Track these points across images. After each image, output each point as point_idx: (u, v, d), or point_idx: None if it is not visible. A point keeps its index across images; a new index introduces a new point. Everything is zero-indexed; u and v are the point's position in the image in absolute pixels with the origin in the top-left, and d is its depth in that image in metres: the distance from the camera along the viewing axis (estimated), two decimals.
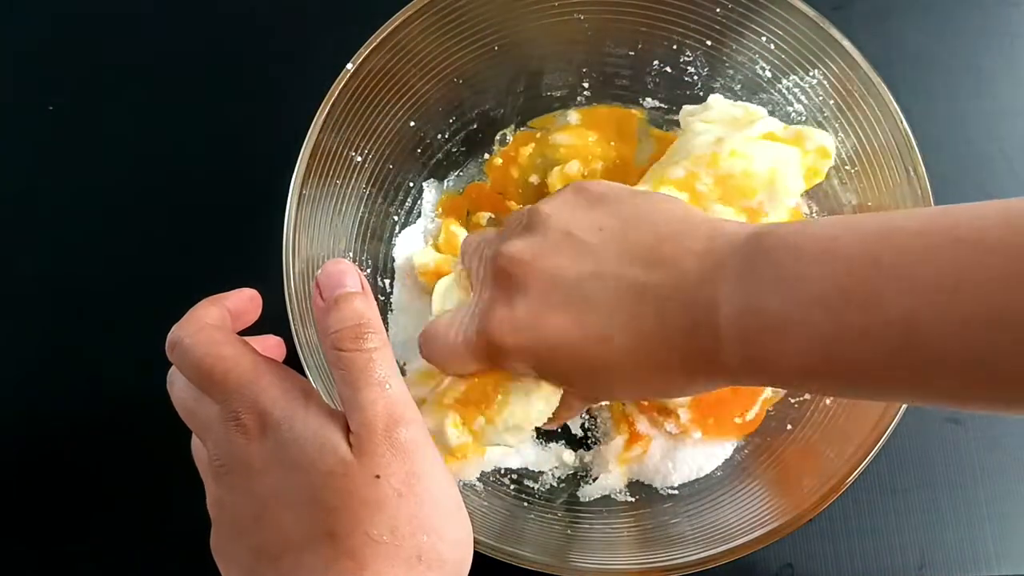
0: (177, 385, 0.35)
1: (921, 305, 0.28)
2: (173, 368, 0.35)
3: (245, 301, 0.38)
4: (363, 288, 0.34)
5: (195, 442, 0.36)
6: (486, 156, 0.54)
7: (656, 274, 0.34)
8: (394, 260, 0.52)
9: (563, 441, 0.51)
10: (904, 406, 0.42)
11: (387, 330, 0.44)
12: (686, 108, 0.49)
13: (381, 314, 0.35)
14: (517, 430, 0.40)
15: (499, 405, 0.40)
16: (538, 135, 0.54)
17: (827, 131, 0.47)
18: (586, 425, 0.51)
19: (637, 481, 0.50)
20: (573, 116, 0.54)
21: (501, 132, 0.54)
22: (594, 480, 0.49)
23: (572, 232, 0.36)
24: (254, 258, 0.45)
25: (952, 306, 0.27)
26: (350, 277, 0.34)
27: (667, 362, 0.34)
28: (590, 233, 0.36)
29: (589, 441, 0.51)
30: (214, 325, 0.35)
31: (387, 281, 0.52)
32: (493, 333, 0.36)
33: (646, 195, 0.38)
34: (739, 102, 0.48)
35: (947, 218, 0.29)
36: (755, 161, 0.44)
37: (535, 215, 0.38)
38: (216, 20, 0.60)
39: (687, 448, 0.49)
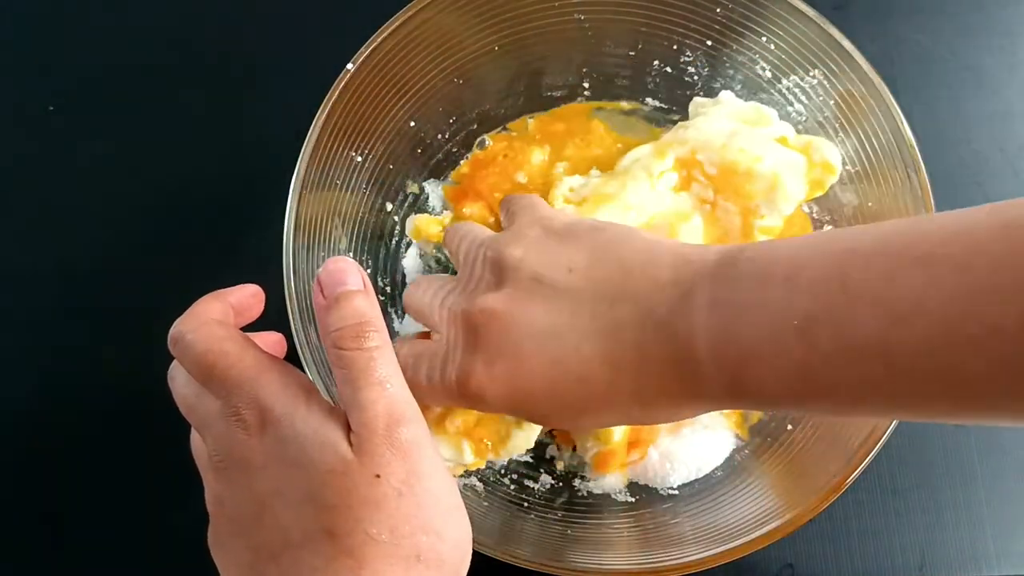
0: (178, 380, 0.35)
1: (888, 327, 0.28)
2: (174, 363, 0.35)
3: (248, 297, 0.38)
4: (365, 286, 0.34)
5: (194, 438, 0.36)
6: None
7: (627, 309, 0.34)
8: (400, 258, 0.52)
9: None
10: None
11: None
12: (697, 100, 0.49)
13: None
14: (519, 451, 0.43)
15: (504, 438, 0.42)
16: (506, 144, 0.53)
17: (830, 136, 0.47)
18: None
19: (637, 482, 0.49)
20: (530, 123, 0.54)
21: (480, 137, 0.53)
22: (593, 480, 0.49)
23: (543, 276, 0.36)
24: (255, 257, 0.45)
25: (917, 327, 0.27)
26: (352, 275, 0.34)
27: (648, 394, 0.34)
28: (561, 274, 0.36)
29: None
30: (217, 320, 0.35)
31: (387, 281, 0.52)
32: (471, 387, 0.36)
33: (610, 227, 0.37)
34: (750, 101, 0.48)
35: (904, 237, 0.29)
36: (762, 161, 0.44)
37: (502, 261, 0.37)
38: (216, 20, 0.60)
39: (686, 448, 0.49)
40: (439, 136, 0.52)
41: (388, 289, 0.52)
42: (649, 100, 0.53)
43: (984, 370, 0.26)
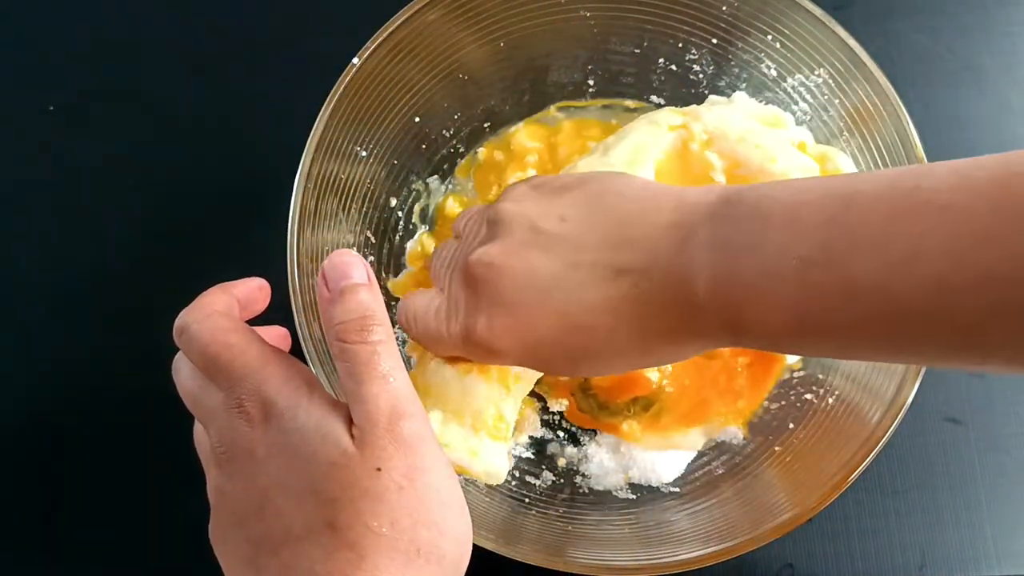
0: (182, 372, 0.35)
1: (886, 268, 0.28)
2: (179, 354, 0.35)
3: (254, 290, 0.38)
4: (369, 280, 0.34)
5: (198, 429, 0.36)
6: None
7: (627, 255, 0.34)
8: (404, 254, 0.52)
9: (563, 434, 0.51)
10: (906, 407, 0.42)
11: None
12: (712, 98, 0.49)
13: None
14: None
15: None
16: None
17: (835, 135, 0.47)
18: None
19: (637, 482, 0.50)
20: (481, 151, 0.53)
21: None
22: (594, 477, 0.49)
23: (537, 225, 0.36)
24: (259, 252, 0.44)
25: (916, 272, 0.28)
26: (356, 269, 0.34)
27: (652, 338, 0.34)
28: (555, 223, 0.36)
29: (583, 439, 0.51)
30: (222, 312, 0.35)
31: (390, 276, 0.52)
32: (479, 338, 0.36)
33: (603, 176, 0.38)
34: (767, 105, 0.48)
35: (905, 182, 0.29)
36: (776, 162, 0.44)
37: (497, 215, 0.38)
38: (220, 14, 0.59)
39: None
40: (444, 132, 0.52)
41: (389, 284, 0.52)
42: (654, 98, 0.53)
43: (978, 316, 0.27)
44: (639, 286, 0.34)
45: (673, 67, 0.51)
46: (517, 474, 0.49)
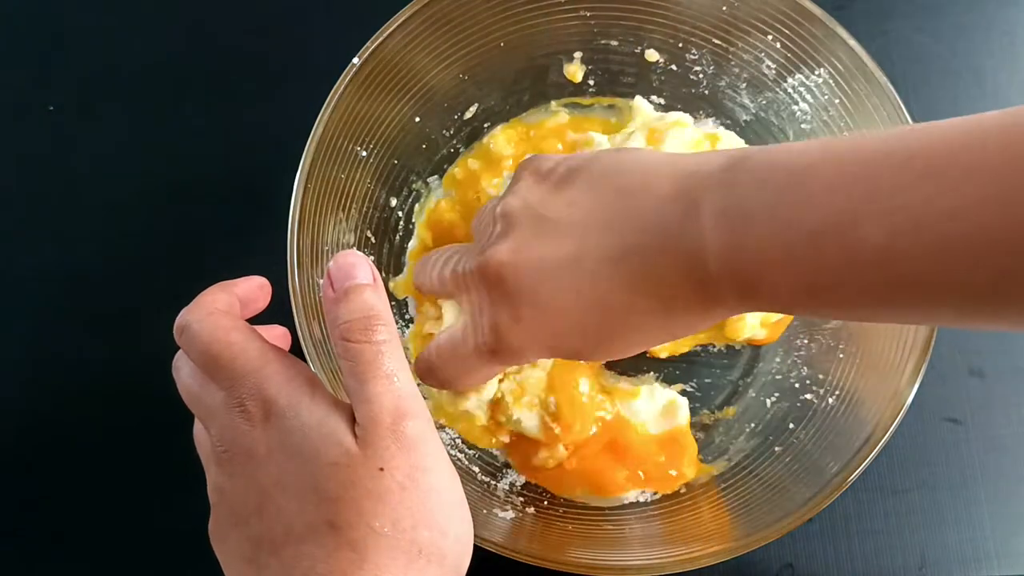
0: (183, 371, 0.35)
1: (891, 239, 0.28)
2: (179, 353, 0.35)
3: (254, 288, 0.38)
4: (374, 280, 0.34)
5: (198, 428, 0.36)
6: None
7: (633, 232, 0.34)
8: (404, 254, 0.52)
9: None
10: (907, 405, 0.42)
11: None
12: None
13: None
14: None
15: None
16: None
17: (835, 134, 0.47)
18: None
19: None
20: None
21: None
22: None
23: (544, 216, 0.36)
24: (259, 252, 0.44)
25: (921, 239, 0.27)
26: (361, 269, 0.34)
27: (667, 311, 0.34)
28: (562, 211, 0.36)
29: None
30: (222, 311, 0.35)
31: (391, 276, 0.52)
32: (505, 343, 0.37)
33: (607, 154, 0.38)
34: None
35: (908, 147, 0.29)
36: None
37: (504, 211, 0.38)
38: (220, 14, 0.59)
39: None
40: (444, 132, 0.52)
41: (391, 285, 0.52)
42: (654, 98, 0.53)
43: (985, 281, 0.27)
44: (649, 261, 0.34)
45: (673, 67, 0.51)
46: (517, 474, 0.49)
